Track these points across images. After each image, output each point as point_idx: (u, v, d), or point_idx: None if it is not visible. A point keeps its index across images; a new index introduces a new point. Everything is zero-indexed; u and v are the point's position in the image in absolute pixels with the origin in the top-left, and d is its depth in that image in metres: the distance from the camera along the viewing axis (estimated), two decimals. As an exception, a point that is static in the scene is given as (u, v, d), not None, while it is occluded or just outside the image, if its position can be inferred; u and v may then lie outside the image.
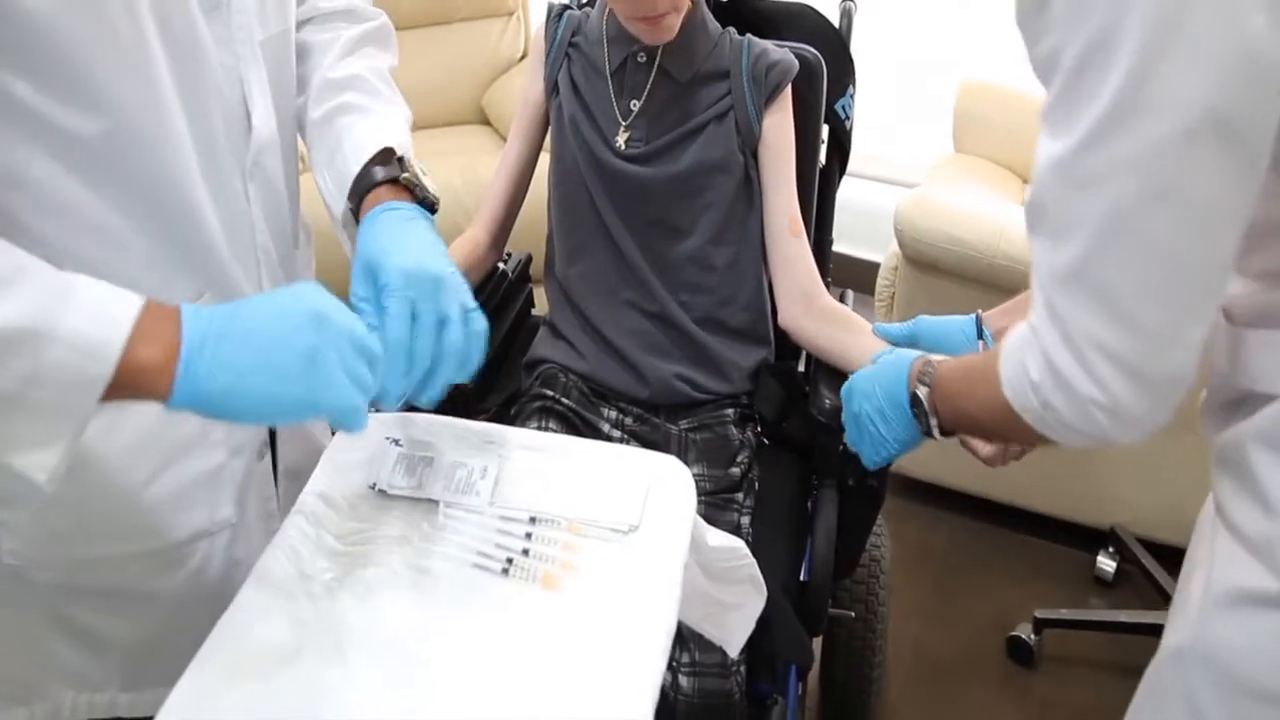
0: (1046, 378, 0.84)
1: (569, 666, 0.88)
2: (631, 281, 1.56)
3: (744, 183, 1.54)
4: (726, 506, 1.45)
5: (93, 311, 0.78)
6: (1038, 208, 0.83)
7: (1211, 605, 0.89)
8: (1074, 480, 2.37)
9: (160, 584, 1.11)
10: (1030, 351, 0.86)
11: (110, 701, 1.13)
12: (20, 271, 0.77)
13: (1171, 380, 0.81)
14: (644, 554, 0.98)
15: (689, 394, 1.56)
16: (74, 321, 0.76)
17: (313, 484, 1.04)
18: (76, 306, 0.77)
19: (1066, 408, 0.84)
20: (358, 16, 1.25)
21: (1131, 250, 0.77)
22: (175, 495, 1.08)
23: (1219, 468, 0.93)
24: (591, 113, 1.54)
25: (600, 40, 1.54)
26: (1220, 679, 0.88)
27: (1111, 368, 0.80)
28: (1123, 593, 2.39)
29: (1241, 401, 0.90)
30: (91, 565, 1.07)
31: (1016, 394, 0.90)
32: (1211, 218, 0.76)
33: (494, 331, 1.67)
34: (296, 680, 0.85)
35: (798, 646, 1.39)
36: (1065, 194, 0.79)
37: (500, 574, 0.96)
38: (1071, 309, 0.81)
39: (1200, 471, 0.96)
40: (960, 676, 2.21)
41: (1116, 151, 0.75)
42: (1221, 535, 0.91)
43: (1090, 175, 0.77)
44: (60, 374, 0.76)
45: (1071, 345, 0.81)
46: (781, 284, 1.57)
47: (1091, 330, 0.80)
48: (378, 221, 1.07)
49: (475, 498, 1.02)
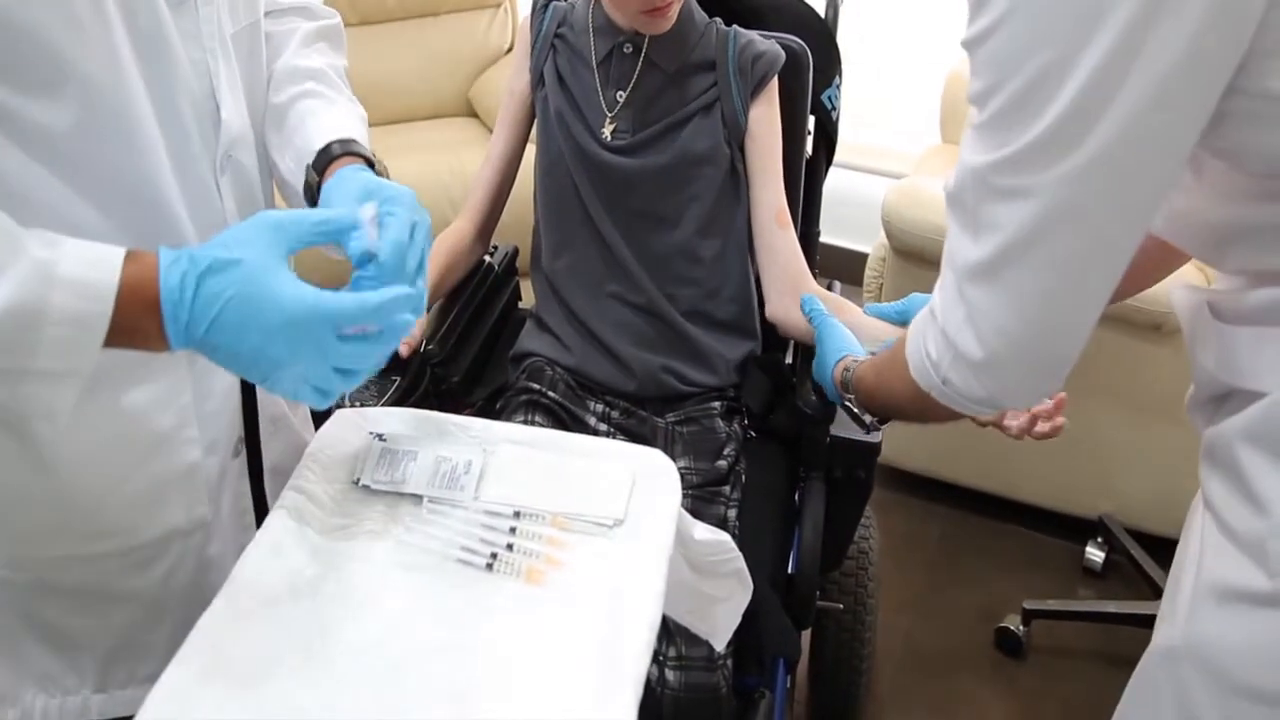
0: (945, 354, 0.92)
1: (554, 661, 0.87)
2: (618, 274, 1.55)
3: (730, 175, 1.54)
4: (713, 499, 1.45)
5: (83, 259, 0.79)
6: (958, 200, 0.88)
7: (1201, 603, 0.89)
8: (1062, 471, 2.37)
9: (134, 583, 1.10)
10: (930, 331, 0.94)
11: (83, 704, 1.12)
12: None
13: (1061, 361, 0.88)
14: (629, 548, 0.97)
15: (675, 387, 1.55)
16: (68, 269, 0.78)
17: (295, 479, 1.03)
18: (62, 276, 0.78)
19: (961, 379, 0.92)
20: (312, 14, 1.25)
21: (1042, 259, 0.83)
22: (149, 493, 1.07)
23: (1207, 464, 0.93)
24: (577, 104, 1.54)
25: (586, 31, 1.53)
26: (1212, 677, 0.88)
27: (1008, 350, 0.87)
28: (1111, 583, 2.39)
29: (1227, 397, 0.91)
30: (65, 564, 1.06)
31: (920, 374, 0.97)
32: (1121, 234, 0.82)
33: (480, 325, 1.67)
34: (279, 678, 0.85)
35: (785, 639, 1.39)
36: (986, 198, 0.84)
37: (484, 569, 0.95)
38: (979, 298, 0.87)
39: (1188, 462, 0.97)
40: (949, 668, 2.21)
41: (1043, 174, 0.80)
42: (1210, 532, 0.91)
43: (1013, 188, 0.82)
44: (66, 313, 0.77)
45: (973, 325, 0.88)
46: (769, 275, 1.57)
47: (994, 317, 0.87)
48: (348, 174, 1.05)
49: (459, 492, 1.02)
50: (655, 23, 1.46)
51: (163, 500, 1.09)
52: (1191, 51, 0.73)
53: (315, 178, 1.08)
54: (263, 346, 0.82)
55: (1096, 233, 0.82)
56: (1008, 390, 0.91)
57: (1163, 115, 0.76)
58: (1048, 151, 0.79)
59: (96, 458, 1.03)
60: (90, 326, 0.79)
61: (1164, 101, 0.75)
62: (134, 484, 1.06)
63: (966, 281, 0.88)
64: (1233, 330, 0.90)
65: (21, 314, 0.76)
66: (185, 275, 0.81)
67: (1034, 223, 0.81)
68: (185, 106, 1.00)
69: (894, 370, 1.05)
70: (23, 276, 0.76)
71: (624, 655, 0.87)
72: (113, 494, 1.05)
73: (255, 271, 0.82)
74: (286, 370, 0.84)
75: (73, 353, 0.79)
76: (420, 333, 1.43)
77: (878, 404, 1.20)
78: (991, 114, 0.81)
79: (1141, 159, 0.78)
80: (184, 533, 1.12)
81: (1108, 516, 2.39)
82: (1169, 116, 0.76)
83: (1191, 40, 0.72)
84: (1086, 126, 0.76)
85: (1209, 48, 0.73)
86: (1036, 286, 0.84)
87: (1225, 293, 0.92)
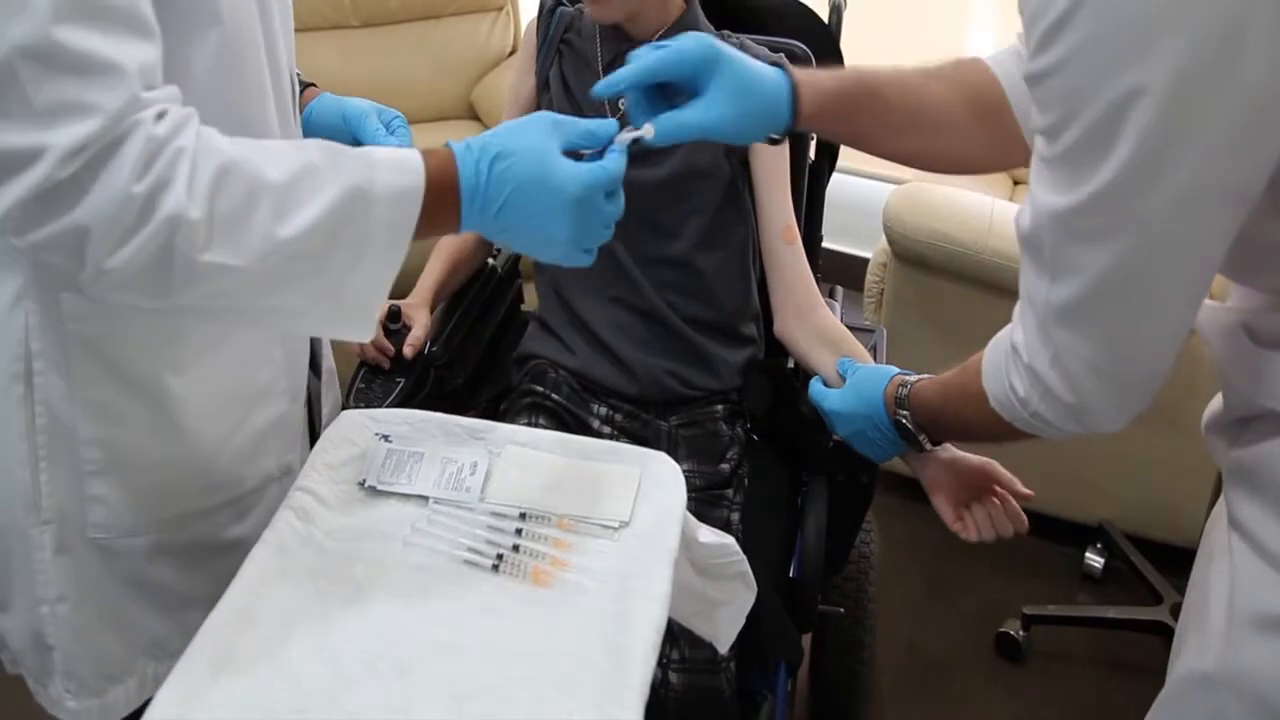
0: (1034, 393, 0.92)
1: (560, 662, 0.88)
2: (620, 279, 1.55)
3: (730, 190, 1.54)
4: (716, 503, 1.45)
5: (391, 153, 0.92)
6: (1035, 244, 0.87)
7: (1240, 630, 0.87)
8: (1062, 477, 2.37)
9: (237, 531, 1.14)
10: (1014, 368, 0.94)
11: None
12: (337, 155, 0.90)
13: (1151, 384, 0.89)
14: (634, 550, 0.98)
15: (678, 390, 1.56)
16: (382, 156, 0.92)
17: (302, 480, 1.03)
18: (379, 161, 0.91)
19: (1054, 414, 0.92)
20: None
21: (1127, 297, 0.83)
22: (252, 444, 1.13)
23: (1236, 485, 0.92)
24: (581, 110, 1.54)
25: (594, 36, 1.53)
26: (1254, 706, 0.86)
27: (1098, 383, 0.88)
28: (1111, 589, 2.39)
29: (1255, 419, 0.90)
30: (181, 521, 1.09)
31: (1005, 409, 0.98)
32: (1204, 262, 0.82)
33: (484, 327, 1.68)
34: (285, 678, 0.85)
35: (788, 643, 1.39)
36: (1065, 241, 0.84)
37: (491, 570, 0.96)
38: (1066, 338, 0.87)
39: (1187, 468, 0.97)
40: (949, 672, 2.21)
41: (1121, 213, 0.79)
42: (1242, 555, 0.89)
43: (1091, 230, 0.81)
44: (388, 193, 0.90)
45: (1059, 366, 0.88)
46: (776, 293, 1.57)
47: (1084, 354, 0.87)
48: (329, 101, 1.29)
49: (465, 494, 1.02)
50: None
51: (263, 449, 1.14)
52: (1273, 75, 0.71)
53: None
54: (546, 225, 0.95)
55: (1181, 264, 0.81)
56: (1101, 420, 0.91)
57: (1258, 119, 0.74)
58: (1124, 191, 0.78)
59: (214, 412, 1.08)
60: (408, 202, 0.91)
61: (1245, 121, 0.74)
62: (241, 436, 1.11)
63: (1051, 323, 0.88)
64: (1274, 355, 0.88)
65: (356, 195, 0.88)
66: (479, 161, 0.93)
67: (1116, 264, 0.81)
68: (281, 52, 1.06)
69: (965, 399, 1.06)
70: (353, 167, 0.89)
71: (630, 657, 0.88)
72: (225, 446, 1.10)
73: (537, 156, 0.94)
74: (563, 242, 0.97)
75: (396, 227, 0.91)
76: (424, 335, 1.43)
77: (942, 426, 1.22)
78: (1065, 148, 0.80)
79: (1224, 183, 0.77)
80: (276, 479, 1.16)
81: (1107, 522, 2.39)
82: (1244, 154, 0.76)
83: (1273, 65, 0.71)
84: (1162, 160, 0.76)
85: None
86: (1124, 323, 0.85)
87: (1260, 313, 0.90)
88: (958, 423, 1.16)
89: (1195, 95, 0.73)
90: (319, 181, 0.88)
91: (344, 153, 0.91)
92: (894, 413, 1.25)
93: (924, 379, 1.23)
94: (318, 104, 1.29)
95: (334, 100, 1.29)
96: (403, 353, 1.39)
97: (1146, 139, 0.75)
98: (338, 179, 0.88)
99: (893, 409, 1.24)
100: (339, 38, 3.06)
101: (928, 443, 1.24)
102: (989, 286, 2.21)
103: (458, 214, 0.94)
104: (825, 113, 1.16)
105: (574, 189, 0.94)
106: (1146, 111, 0.74)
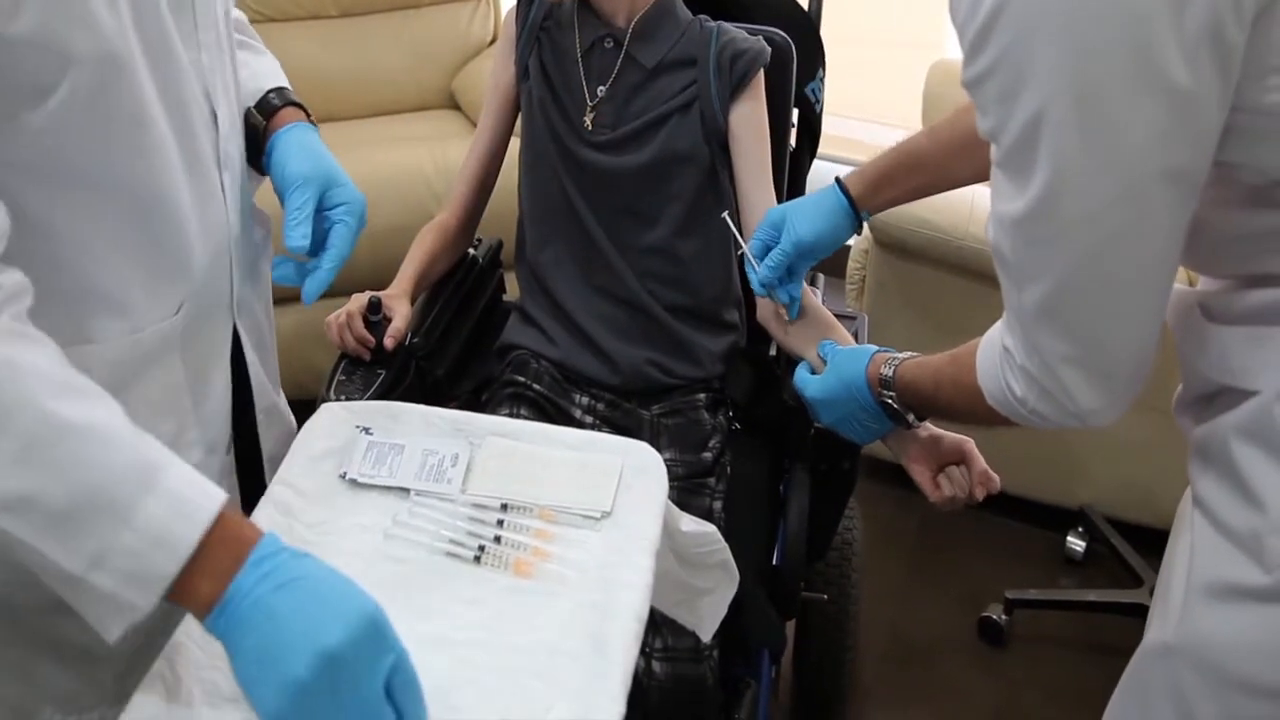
0: (1030, 393, 0.94)
1: (542, 653, 0.88)
2: (601, 267, 1.55)
3: (710, 175, 1.54)
4: (699, 491, 1.45)
5: (175, 495, 0.79)
6: (999, 253, 0.90)
7: (1195, 600, 0.89)
8: (1044, 462, 2.38)
9: None
10: (1009, 369, 0.96)
11: (100, 719, 1.12)
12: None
13: (1136, 376, 0.90)
14: (616, 540, 0.98)
15: (660, 379, 1.56)
16: (153, 507, 0.78)
17: (283, 473, 1.03)
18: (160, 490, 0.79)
19: (1052, 411, 0.94)
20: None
21: (1092, 287, 0.85)
22: None
23: (1198, 461, 0.93)
24: (560, 97, 1.53)
25: (572, 24, 1.53)
26: (1208, 674, 0.88)
27: (1083, 379, 0.89)
28: (1092, 572, 2.41)
29: (1216, 395, 0.91)
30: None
31: (1003, 406, 0.99)
32: (1163, 248, 0.83)
33: (465, 318, 1.67)
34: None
35: (770, 630, 1.40)
36: (1022, 248, 0.86)
37: (472, 562, 0.96)
38: (1044, 339, 0.89)
39: (1168, 452, 0.98)
40: (932, 657, 2.22)
41: (1066, 215, 0.81)
42: (1201, 529, 0.91)
43: (1044, 235, 0.84)
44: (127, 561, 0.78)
45: (1048, 370, 0.90)
46: None
47: (1064, 352, 0.89)
48: (306, 138, 1.18)
49: (447, 485, 1.02)
50: None
51: None
52: (1193, 72, 0.73)
53: (261, 121, 1.19)
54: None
55: (1138, 254, 0.83)
56: (1099, 413, 0.93)
57: (1186, 112, 0.76)
58: (1062, 192, 0.80)
59: None
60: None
61: (1171, 133, 0.76)
62: None
63: (1030, 326, 0.90)
64: (1226, 330, 0.90)
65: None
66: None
67: (1074, 264, 0.83)
68: (191, 108, 1.01)
69: (958, 390, 1.09)
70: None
71: (613, 646, 0.88)
72: None
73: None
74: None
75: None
76: (405, 326, 1.43)
77: (932, 410, 1.25)
78: (1005, 153, 0.83)
79: (1164, 170, 0.78)
80: None
81: (1088, 506, 2.41)
82: (1178, 143, 0.77)
83: (1189, 68, 0.73)
84: (1092, 160, 0.77)
85: (1205, 79, 0.74)
86: (1095, 319, 0.86)
87: (1216, 293, 0.92)
88: (949, 412, 1.20)
89: (1113, 97, 0.75)
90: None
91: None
92: (879, 394, 1.26)
93: (908, 361, 1.24)
94: (279, 143, 1.17)
95: (283, 155, 1.17)
96: (383, 344, 1.38)
97: (1067, 143, 0.77)
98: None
99: (877, 390, 1.26)
100: (318, 27, 3.03)
101: (914, 420, 1.26)
102: (970, 272, 2.21)
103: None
104: (880, 192, 1.41)
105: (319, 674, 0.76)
106: (1064, 117, 0.76)
